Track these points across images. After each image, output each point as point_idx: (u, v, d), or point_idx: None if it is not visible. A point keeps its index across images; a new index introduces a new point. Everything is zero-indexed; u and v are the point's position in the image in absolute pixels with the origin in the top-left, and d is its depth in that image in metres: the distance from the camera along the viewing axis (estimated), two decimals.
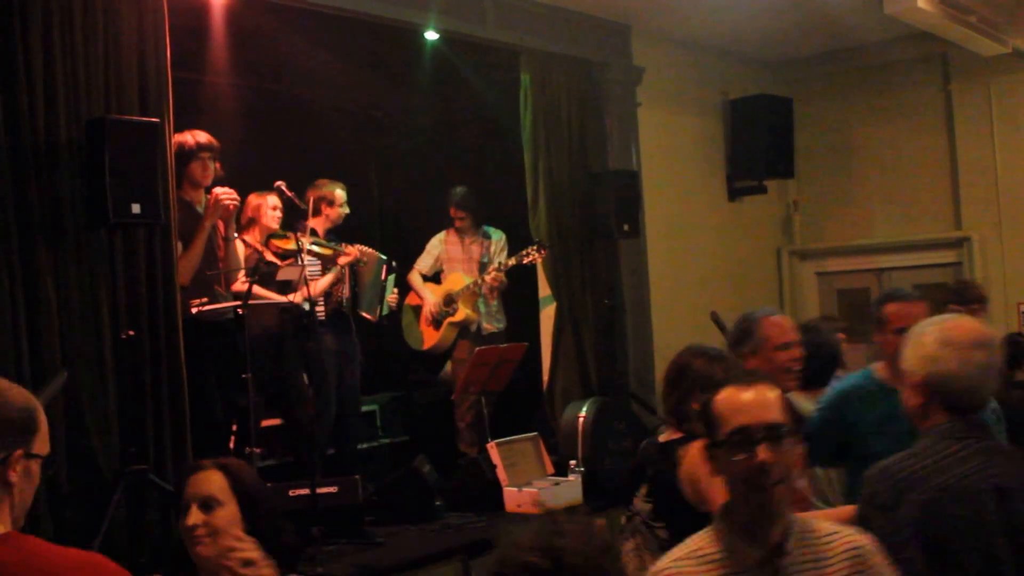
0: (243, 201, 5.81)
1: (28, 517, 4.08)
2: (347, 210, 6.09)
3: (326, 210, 6.02)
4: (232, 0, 5.74)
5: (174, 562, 2.47)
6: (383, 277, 6.27)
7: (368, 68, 7.08)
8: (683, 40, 7.79)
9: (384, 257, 6.29)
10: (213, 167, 5.20)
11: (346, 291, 6.00)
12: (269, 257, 5.60)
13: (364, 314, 6.16)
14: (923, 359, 2.40)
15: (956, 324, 2.44)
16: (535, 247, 6.52)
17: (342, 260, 5.86)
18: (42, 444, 2.05)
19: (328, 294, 5.96)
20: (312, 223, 6.02)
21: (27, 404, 2.04)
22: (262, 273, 5.35)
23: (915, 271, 8.66)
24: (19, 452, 2.00)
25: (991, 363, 2.40)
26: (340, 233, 6.17)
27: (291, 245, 5.51)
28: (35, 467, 2.04)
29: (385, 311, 6.29)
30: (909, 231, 8.56)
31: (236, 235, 5.40)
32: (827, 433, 3.39)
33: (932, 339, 2.41)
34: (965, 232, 8.36)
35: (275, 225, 5.72)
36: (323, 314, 5.90)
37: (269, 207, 5.73)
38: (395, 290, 6.42)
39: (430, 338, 6.73)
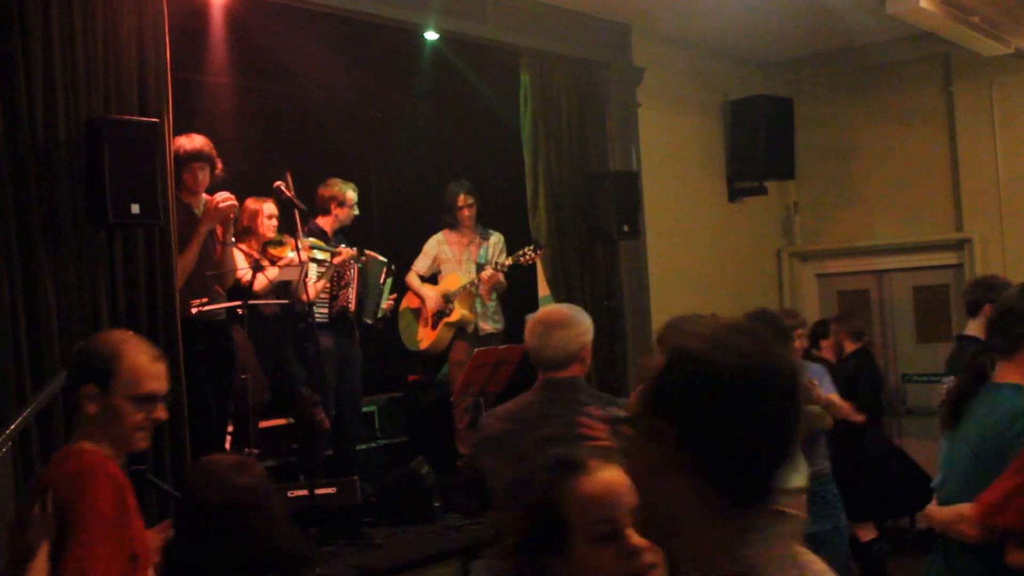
0: (240, 205, 5.80)
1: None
2: (357, 211, 6.09)
3: (335, 210, 6.01)
4: (232, 0, 5.73)
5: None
6: (381, 280, 6.27)
7: (368, 68, 7.08)
8: (683, 40, 7.77)
9: (384, 260, 6.29)
10: (207, 175, 5.15)
11: (352, 296, 6.00)
12: (265, 266, 5.60)
13: (365, 320, 6.17)
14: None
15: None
16: (532, 247, 6.51)
17: (336, 260, 5.87)
18: (125, 387, 2.46)
19: (334, 297, 5.95)
20: (321, 222, 6.02)
21: (107, 351, 2.50)
22: (264, 266, 5.37)
23: (916, 273, 8.66)
24: (90, 387, 2.46)
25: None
26: (346, 235, 6.16)
27: (288, 252, 5.51)
28: (121, 404, 2.46)
29: (380, 315, 6.30)
30: (910, 232, 8.55)
31: (234, 240, 5.39)
32: None
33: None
34: (966, 233, 8.34)
35: (271, 234, 5.70)
36: (326, 317, 5.90)
37: (265, 216, 5.70)
38: (392, 296, 6.42)
39: (426, 338, 6.71)
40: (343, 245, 6.07)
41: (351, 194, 6.05)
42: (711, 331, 1.26)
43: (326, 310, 5.93)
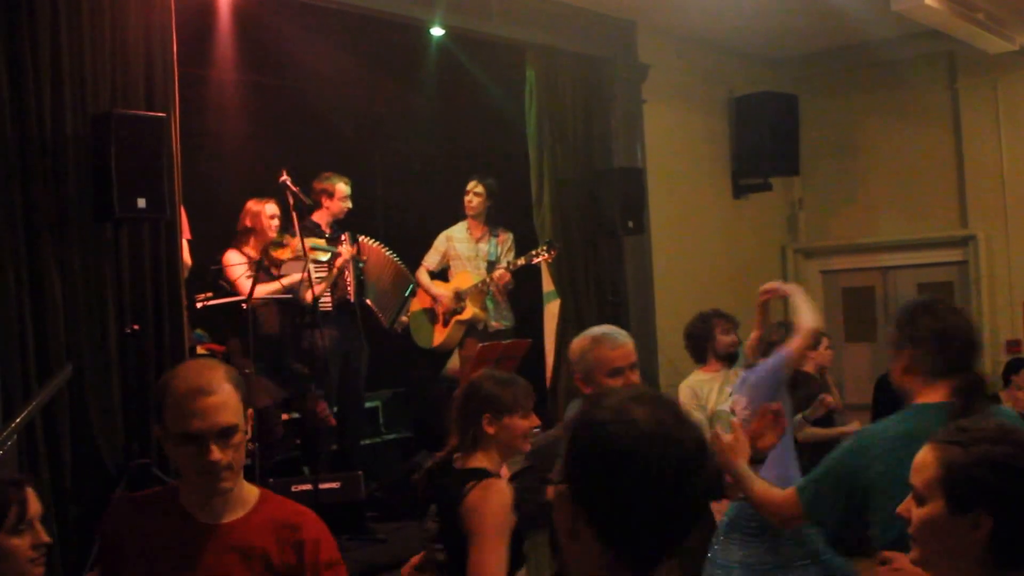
0: (242, 207, 5.82)
1: None
2: (349, 204, 6.09)
3: (326, 202, 6.02)
4: None
5: None
6: (406, 294, 6.43)
7: (373, 64, 7.08)
8: (688, 37, 7.77)
9: (413, 282, 6.48)
10: None
11: (351, 281, 6.01)
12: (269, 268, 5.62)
13: (369, 302, 6.20)
14: None
15: None
16: (545, 247, 6.49)
17: (339, 262, 5.88)
18: (171, 424, 2.14)
19: (335, 285, 5.97)
20: (315, 217, 6.03)
21: (161, 383, 2.21)
22: (265, 268, 5.38)
23: (920, 270, 8.65)
24: (157, 428, 2.20)
25: None
26: (345, 228, 6.18)
27: (289, 255, 5.53)
28: (171, 446, 2.17)
29: (399, 326, 6.47)
30: (915, 229, 8.54)
31: None
32: None
33: None
34: (971, 230, 8.34)
35: (273, 234, 5.70)
36: (329, 305, 5.91)
37: (267, 215, 5.71)
38: (406, 316, 6.55)
39: (438, 335, 6.74)
40: (344, 235, 6.08)
41: (341, 186, 6.05)
42: (615, 401, 1.29)
43: (329, 298, 5.94)
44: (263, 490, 2.28)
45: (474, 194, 6.66)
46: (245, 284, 5.44)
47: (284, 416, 5.81)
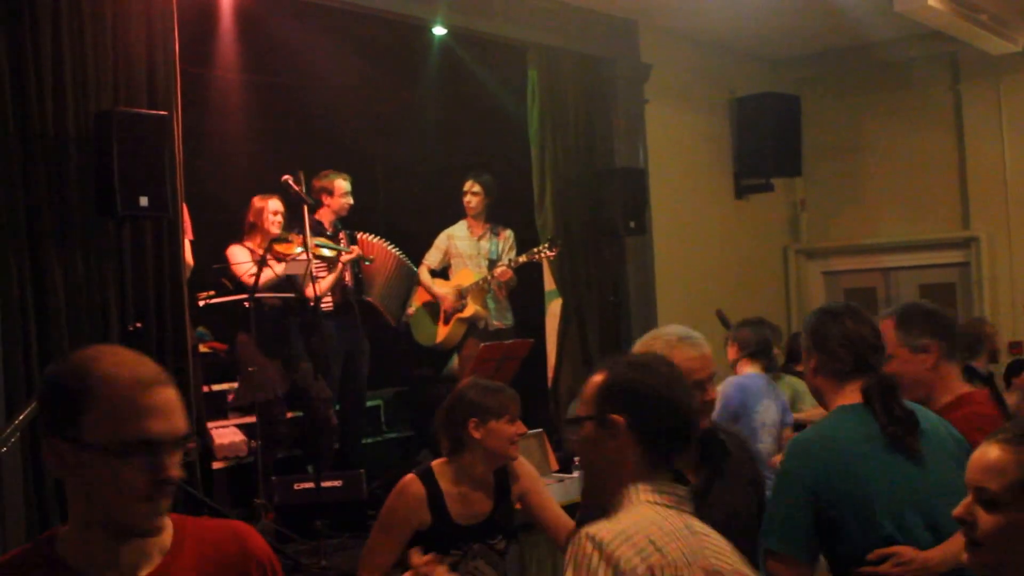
0: (243, 205, 5.83)
1: (37, 509, 4.11)
2: (350, 200, 6.09)
3: (326, 200, 6.03)
4: None
5: None
6: (409, 286, 6.48)
7: (375, 63, 7.09)
8: (690, 37, 7.77)
9: (416, 270, 6.51)
10: None
11: (348, 274, 6.02)
12: (271, 263, 5.62)
13: (373, 302, 6.20)
14: None
15: None
16: (547, 244, 6.49)
17: (344, 258, 5.88)
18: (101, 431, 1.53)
19: (336, 283, 5.98)
20: (318, 215, 6.04)
21: (75, 379, 1.57)
22: (267, 262, 5.39)
23: (922, 271, 8.65)
24: (55, 440, 1.55)
25: None
26: (346, 226, 6.18)
27: (294, 250, 5.53)
28: (96, 460, 1.52)
29: (405, 319, 6.52)
30: (917, 230, 8.54)
31: None
32: None
33: None
34: (973, 232, 8.33)
35: (276, 230, 5.70)
36: (331, 305, 5.91)
37: (270, 211, 5.71)
38: (411, 309, 6.58)
39: (440, 333, 6.74)
40: (342, 234, 6.09)
41: (340, 183, 6.05)
42: (644, 360, 2.10)
43: (331, 298, 5.94)
44: (172, 517, 1.66)
45: (472, 194, 6.66)
46: (249, 280, 5.45)
47: (288, 414, 5.82)
